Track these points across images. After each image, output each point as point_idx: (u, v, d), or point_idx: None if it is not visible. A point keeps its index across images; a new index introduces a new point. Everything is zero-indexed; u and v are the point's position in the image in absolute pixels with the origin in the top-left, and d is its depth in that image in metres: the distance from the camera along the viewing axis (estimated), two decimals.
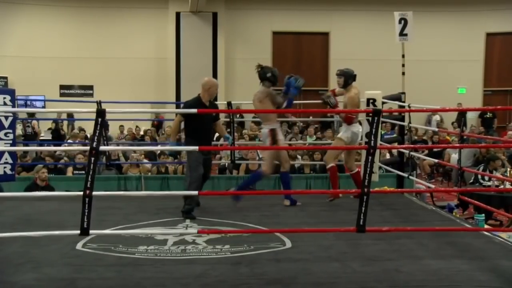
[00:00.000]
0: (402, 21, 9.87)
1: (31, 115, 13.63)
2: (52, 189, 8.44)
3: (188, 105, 6.74)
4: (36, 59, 17.73)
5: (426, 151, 13.50)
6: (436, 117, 17.96)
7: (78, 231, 4.22)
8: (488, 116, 17.74)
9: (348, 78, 7.38)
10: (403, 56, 10.09)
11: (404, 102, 8.41)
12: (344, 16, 19.11)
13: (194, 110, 5.94)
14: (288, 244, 5.21)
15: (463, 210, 9.18)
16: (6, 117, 7.57)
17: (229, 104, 8.83)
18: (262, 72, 7.04)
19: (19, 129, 13.02)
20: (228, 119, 9.15)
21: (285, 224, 6.08)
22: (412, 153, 8.13)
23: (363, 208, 4.39)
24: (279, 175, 7.29)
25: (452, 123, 17.52)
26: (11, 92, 7.93)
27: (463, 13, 19.19)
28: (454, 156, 11.92)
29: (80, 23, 18.34)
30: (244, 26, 18.79)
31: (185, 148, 7.13)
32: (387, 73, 16.39)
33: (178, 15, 18.04)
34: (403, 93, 8.79)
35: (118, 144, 13.25)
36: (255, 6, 18.80)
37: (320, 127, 15.65)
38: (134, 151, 10.88)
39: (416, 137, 14.51)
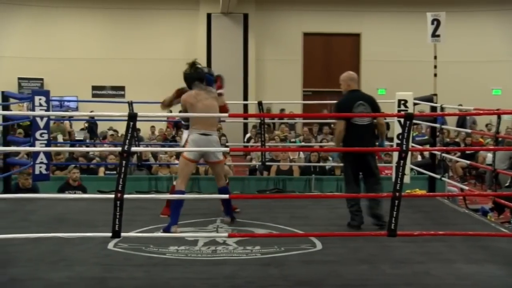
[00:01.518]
0: (435, 22, 9.77)
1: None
2: (84, 189, 8.56)
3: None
4: (70, 60, 18.00)
5: (459, 153, 13.32)
6: (470, 119, 17.72)
7: (110, 233, 4.27)
8: None
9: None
10: (435, 57, 9.99)
11: (436, 103, 8.32)
12: (375, 17, 18.98)
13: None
14: (318, 246, 5.19)
15: (498, 214, 9.03)
16: (42, 118, 7.73)
17: (259, 103, 8.83)
18: (202, 71, 5.94)
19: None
20: (258, 121, 9.15)
21: (315, 226, 6.06)
22: (444, 155, 8.03)
23: (395, 212, 4.35)
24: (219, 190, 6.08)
25: (487, 125, 17.24)
26: (46, 94, 8.10)
27: (497, 12, 18.90)
28: (490, 156, 11.73)
29: (112, 25, 18.57)
30: (275, 27, 18.79)
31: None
32: (419, 75, 16.23)
33: (209, 16, 18.13)
34: (435, 94, 8.69)
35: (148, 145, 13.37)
36: (285, 7, 18.79)
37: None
38: (165, 152, 10.96)
39: (448, 139, 14.33)
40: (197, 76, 5.84)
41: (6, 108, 8.09)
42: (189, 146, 5.69)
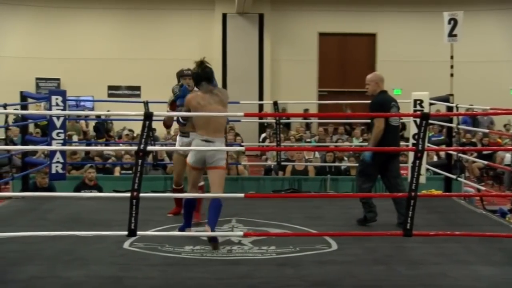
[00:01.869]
0: (452, 22, 9.69)
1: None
2: (100, 188, 8.60)
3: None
4: (86, 60, 18.10)
5: (475, 154, 13.22)
6: (487, 119, 17.56)
7: (126, 232, 4.29)
8: None
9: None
10: (451, 57, 9.90)
11: (452, 103, 8.26)
12: (391, 17, 18.88)
13: None
14: (334, 246, 5.18)
15: None
16: (58, 117, 7.79)
17: (275, 103, 8.83)
18: (210, 70, 5.57)
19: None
20: (274, 120, 9.14)
21: (330, 226, 6.05)
22: (460, 155, 7.97)
23: (410, 212, 4.34)
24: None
25: (505, 125, 17.08)
26: (63, 93, 8.16)
27: None
28: (508, 156, 11.64)
29: (128, 25, 18.65)
30: (290, 27, 18.76)
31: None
32: (435, 75, 16.10)
33: (224, 16, 18.13)
34: (451, 94, 8.63)
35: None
36: (301, 7, 18.75)
37: (367, 128, 15.50)
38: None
39: (464, 139, 14.22)
40: (205, 76, 5.42)
41: (24, 107, 8.16)
42: (190, 152, 5.45)
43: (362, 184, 6.19)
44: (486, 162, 9.13)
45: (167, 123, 6.51)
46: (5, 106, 7.17)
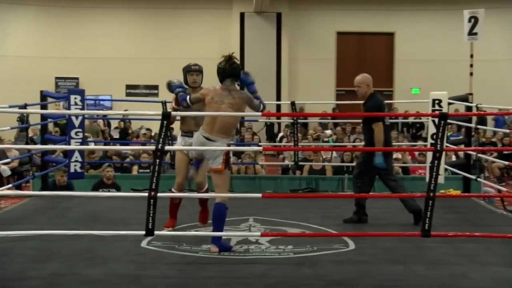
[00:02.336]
0: (472, 20, 9.60)
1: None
2: (118, 187, 8.65)
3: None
4: (104, 60, 18.24)
5: (495, 154, 13.09)
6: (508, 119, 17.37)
7: (143, 232, 4.31)
8: None
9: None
10: (471, 56, 9.82)
11: (471, 103, 8.19)
12: (409, 16, 18.78)
13: None
14: (351, 245, 5.16)
15: None
16: (77, 117, 7.85)
17: (292, 103, 8.82)
18: (238, 67, 5.12)
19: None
20: (291, 120, 9.13)
21: (348, 226, 6.03)
22: (479, 155, 7.90)
23: (428, 213, 4.31)
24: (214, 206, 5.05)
25: None
26: (81, 93, 8.22)
27: None
28: None
29: (146, 25, 18.75)
30: (308, 26, 18.73)
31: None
32: (454, 74, 16.00)
33: (242, 15, 18.16)
34: (471, 94, 8.56)
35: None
36: (319, 6, 18.72)
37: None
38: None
39: (484, 139, 14.10)
40: (231, 72, 5.01)
41: (44, 107, 8.24)
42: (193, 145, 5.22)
43: (363, 186, 6.21)
44: (506, 163, 9.03)
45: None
46: (25, 106, 7.24)
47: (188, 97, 5.21)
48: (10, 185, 7.90)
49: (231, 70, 5.02)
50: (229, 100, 4.98)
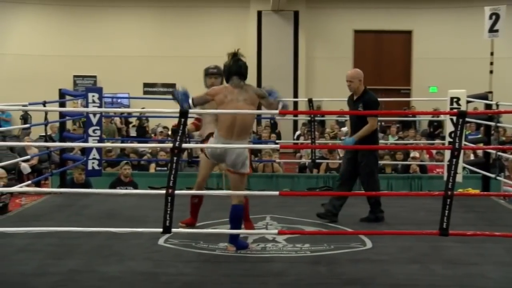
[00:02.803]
0: (493, 16, 9.47)
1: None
2: (135, 185, 8.68)
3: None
4: (122, 58, 18.32)
5: None
6: None
7: (161, 229, 4.33)
8: None
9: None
10: (491, 53, 9.71)
11: (491, 101, 8.10)
12: (427, 14, 18.64)
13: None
14: (369, 244, 5.14)
15: None
16: (94, 115, 7.89)
17: (309, 101, 8.80)
18: (244, 65, 4.97)
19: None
20: (309, 118, 9.11)
21: (366, 224, 6.01)
22: (499, 153, 7.81)
23: (446, 211, 4.27)
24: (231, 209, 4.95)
25: None
26: (99, 90, 8.27)
27: None
28: None
29: (164, 23, 18.81)
30: (325, 24, 18.67)
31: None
32: (472, 72, 15.85)
33: (259, 13, 18.15)
34: (490, 92, 8.46)
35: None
36: (336, 5, 18.65)
37: (402, 126, 15.33)
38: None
39: (504, 138, 13.95)
40: (236, 70, 4.84)
41: (62, 105, 8.29)
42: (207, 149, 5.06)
43: (375, 185, 6.20)
44: None
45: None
46: (44, 103, 7.30)
47: (190, 99, 4.77)
48: (29, 182, 7.96)
49: (236, 67, 4.86)
50: (244, 96, 4.79)
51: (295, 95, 17.55)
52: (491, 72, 9.68)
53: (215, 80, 5.66)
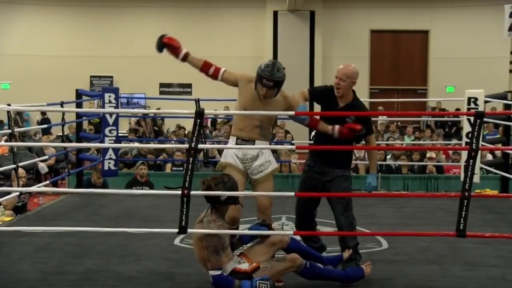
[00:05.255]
0: None
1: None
2: (151, 185, 8.71)
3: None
4: (138, 58, 18.40)
5: None
6: None
7: (176, 229, 4.33)
8: None
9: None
10: (511, 52, 9.60)
11: (510, 101, 8.02)
12: (444, 13, 18.53)
13: None
14: (385, 245, 5.12)
15: None
16: (111, 115, 7.92)
17: None
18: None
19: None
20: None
21: (382, 225, 5.97)
22: None
23: (464, 213, 4.23)
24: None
25: None
26: (116, 91, 8.30)
27: None
28: None
29: (180, 23, 18.84)
30: (342, 24, 18.63)
31: None
32: (491, 72, 15.73)
33: (275, 13, 18.14)
34: (510, 91, 8.37)
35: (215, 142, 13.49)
36: (353, 4, 18.60)
37: (419, 126, 15.25)
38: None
39: None
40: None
41: (79, 105, 8.34)
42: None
43: (353, 222, 4.65)
44: None
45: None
46: (62, 104, 7.35)
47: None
48: (47, 182, 8.03)
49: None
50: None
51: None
52: (510, 71, 9.57)
53: (267, 91, 4.49)
